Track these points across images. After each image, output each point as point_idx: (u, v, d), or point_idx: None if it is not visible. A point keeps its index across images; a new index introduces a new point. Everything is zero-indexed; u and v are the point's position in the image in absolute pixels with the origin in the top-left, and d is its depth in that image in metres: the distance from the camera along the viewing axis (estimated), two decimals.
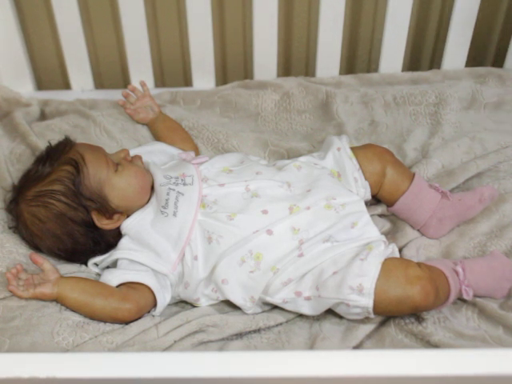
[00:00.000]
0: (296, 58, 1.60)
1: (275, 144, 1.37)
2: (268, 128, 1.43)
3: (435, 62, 1.61)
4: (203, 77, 1.54)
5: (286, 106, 1.45)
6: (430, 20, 1.56)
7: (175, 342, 1.04)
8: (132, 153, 1.22)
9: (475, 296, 1.11)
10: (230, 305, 1.13)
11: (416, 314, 1.08)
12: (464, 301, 1.11)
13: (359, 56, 1.62)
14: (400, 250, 1.17)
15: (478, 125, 1.39)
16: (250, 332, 1.09)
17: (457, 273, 1.09)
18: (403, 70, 1.55)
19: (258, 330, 1.09)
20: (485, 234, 1.20)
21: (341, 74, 1.55)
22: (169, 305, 1.13)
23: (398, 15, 1.46)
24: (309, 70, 1.61)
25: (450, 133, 1.37)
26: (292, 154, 1.35)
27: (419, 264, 1.06)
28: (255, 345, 1.07)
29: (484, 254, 1.17)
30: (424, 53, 1.62)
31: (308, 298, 1.06)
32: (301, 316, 1.11)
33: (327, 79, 1.52)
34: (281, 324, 1.10)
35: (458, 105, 1.42)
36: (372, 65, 1.62)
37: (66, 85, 1.60)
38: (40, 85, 1.61)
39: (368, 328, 1.07)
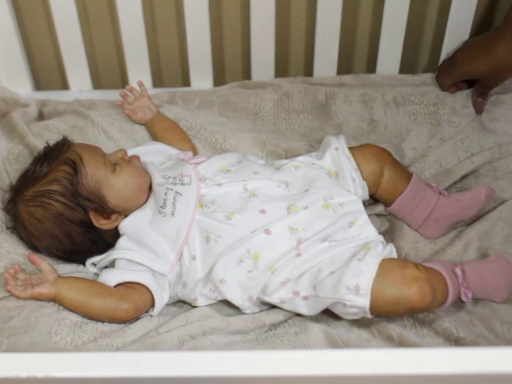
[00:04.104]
0: (294, 59, 1.60)
1: (273, 144, 1.37)
2: (266, 127, 1.43)
3: (432, 63, 1.61)
4: (201, 77, 1.54)
5: (284, 106, 1.45)
6: (427, 21, 1.56)
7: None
8: (130, 153, 1.22)
9: (475, 299, 1.11)
10: (228, 304, 1.13)
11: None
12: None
13: (357, 57, 1.62)
14: (397, 251, 1.17)
15: (476, 123, 1.39)
16: (248, 332, 1.09)
17: (456, 275, 1.08)
18: (400, 71, 1.55)
19: (257, 330, 1.09)
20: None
21: (338, 74, 1.55)
22: (167, 304, 1.13)
23: (395, 16, 1.47)
24: (306, 70, 1.61)
25: (449, 132, 1.37)
26: (290, 154, 1.35)
27: (417, 265, 1.06)
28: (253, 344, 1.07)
29: (486, 256, 1.17)
30: (421, 54, 1.62)
31: (305, 298, 1.06)
32: (298, 315, 1.11)
33: (327, 79, 1.51)
34: (278, 325, 1.10)
35: (457, 104, 1.42)
36: (369, 66, 1.62)
37: (64, 85, 1.60)
38: (38, 85, 1.60)
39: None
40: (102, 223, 1.14)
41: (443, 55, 1.53)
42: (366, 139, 1.38)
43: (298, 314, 1.10)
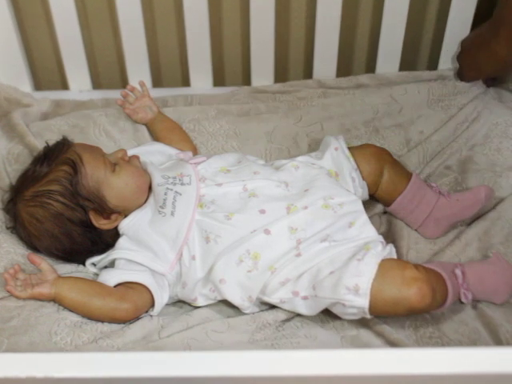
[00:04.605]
0: (293, 58, 1.60)
1: (278, 142, 1.38)
2: (280, 117, 1.43)
3: (432, 62, 1.61)
4: (201, 77, 1.54)
5: (300, 106, 1.45)
6: (426, 20, 1.56)
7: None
8: (130, 153, 1.23)
9: (475, 300, 1.11)
10: (228, 305, 1.13)
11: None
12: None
13: (356, 57, 1.62)
14: (397, 251, 1.17)
15: (481, 103, 1.40)
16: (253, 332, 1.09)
17: (456, 276, 1.08)
18: (400, 71, 1.55)
19: (263, 331, 1.09)
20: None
21: (338, 76, 1.55)
22: (166, 304, 1.13)
23: (395, 15, 1.47)
24: (306, 70, 1.61)
25: (460, 118, 1.38)
26: (294, 153, 1.35)
27: (416, 265, 1.06)
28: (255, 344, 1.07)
29: (486, 257, 1.17)
30: (421, 53, 1.62)
31: (305, 298, 1.06)
32: (299, 316, 1.11)
33: (344, 81, 1.50)
34: (286, 325, 1.10)
35: (473, 93, 1.42)
36: (369, 65, 1.62)
37: (64, 85, 1.60)
38: (38, 85, 1.60)
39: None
40: (101, 223, 1.14)
41: (443, 54, 1.54)
42: (377, 122, 1.39)
43: (299, 314, 1.10)
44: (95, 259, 1.16)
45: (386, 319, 1.08)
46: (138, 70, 1.52)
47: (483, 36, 1.33)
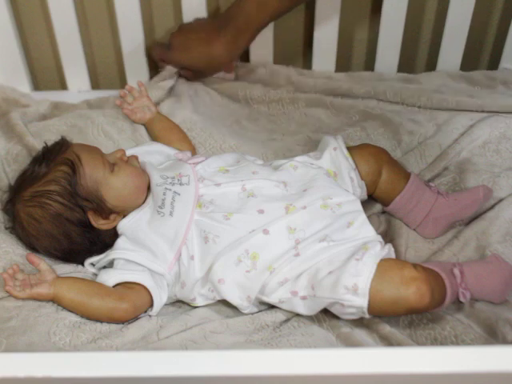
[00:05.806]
0: (292, 58, 1.61)
1: (273, 143, 1.38)
2: (263, 122, 1.44)
3: (431, 62, 1.61)
4: None
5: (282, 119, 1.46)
6: (424, 21, 1.57)
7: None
8: (129, 153, 1.22)
9: (473, 299, 1.11)
10: (227, 305, 1.13)
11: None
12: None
13: (355, 56, 1.62)
14: (396, 249, 1.17)
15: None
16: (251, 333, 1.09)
17: (454, 275, 1.08)
18: (398, 71, 1.56)
19: (261, 332, 1.09)
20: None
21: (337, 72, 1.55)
22: (165, 304, 1.13)
23: (394, 16, 1.47)
24: (305, 68, 1.61)
25: (446, 118, 1.38)
26: (289, 154, 1.35)
27: (415, 265, 1.06)
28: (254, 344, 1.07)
29: (484, 256, 1.17)
30: (419, 53, 1.63)
31: (304, 298, 1.06)
32: (296, 316, 1.11)
33: (318, 73, 1.53)
34: (283, 326, 1.10)
35: (455, 95, 1.42)
36: (368, 64, 1.62)
37: (62, 85, 1.60)
38: (37, 85, 1.61)
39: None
40: (100, 223, 1.14)
41: (441, 54, 1.54)
42: (363, 122, 1.39)
43: (299, 315, 1.10)
44: (94, 259, 1.16)
45: (383, 318, 1.08)
46: (137, 71, 1.52)
47: (207, 31, 1.35)
